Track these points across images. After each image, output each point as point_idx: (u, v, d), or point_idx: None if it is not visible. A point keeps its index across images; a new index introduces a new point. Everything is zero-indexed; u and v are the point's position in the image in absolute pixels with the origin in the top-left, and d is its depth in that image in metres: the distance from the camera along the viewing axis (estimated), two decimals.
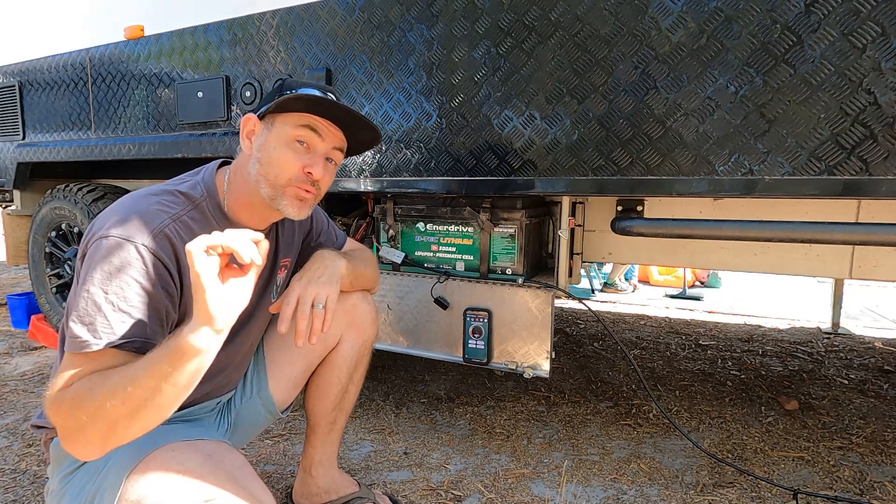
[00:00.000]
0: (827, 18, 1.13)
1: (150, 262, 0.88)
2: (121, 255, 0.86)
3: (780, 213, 1.61)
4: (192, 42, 2.01)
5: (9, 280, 4.71)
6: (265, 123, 1.02)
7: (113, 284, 0.85)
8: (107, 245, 0.86)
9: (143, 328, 0.86)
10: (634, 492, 1.51)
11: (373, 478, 1.57)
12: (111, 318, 0.83)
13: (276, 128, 1.00)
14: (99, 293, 0.84)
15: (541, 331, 1.63)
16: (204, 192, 1.02)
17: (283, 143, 0.99)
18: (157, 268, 0.89)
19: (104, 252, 0.86)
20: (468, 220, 1.71)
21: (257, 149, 1.01)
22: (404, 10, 1.60)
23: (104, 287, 0.84)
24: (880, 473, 1.60)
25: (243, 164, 1.03)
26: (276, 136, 1.00)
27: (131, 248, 0.87)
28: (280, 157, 0.99)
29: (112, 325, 0.83)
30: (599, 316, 2.00)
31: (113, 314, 0.84)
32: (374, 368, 2.45)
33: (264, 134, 1.01)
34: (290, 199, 1.00)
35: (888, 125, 1.12)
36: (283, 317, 1.04)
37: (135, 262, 0.86)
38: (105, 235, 0.87)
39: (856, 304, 4.03)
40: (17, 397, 2.15)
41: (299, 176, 1.00)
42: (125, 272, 0.85)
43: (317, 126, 1.01)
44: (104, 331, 0.83)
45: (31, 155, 2.59)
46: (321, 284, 1.08)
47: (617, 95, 1.35)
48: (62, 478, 0.96)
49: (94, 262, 0.86)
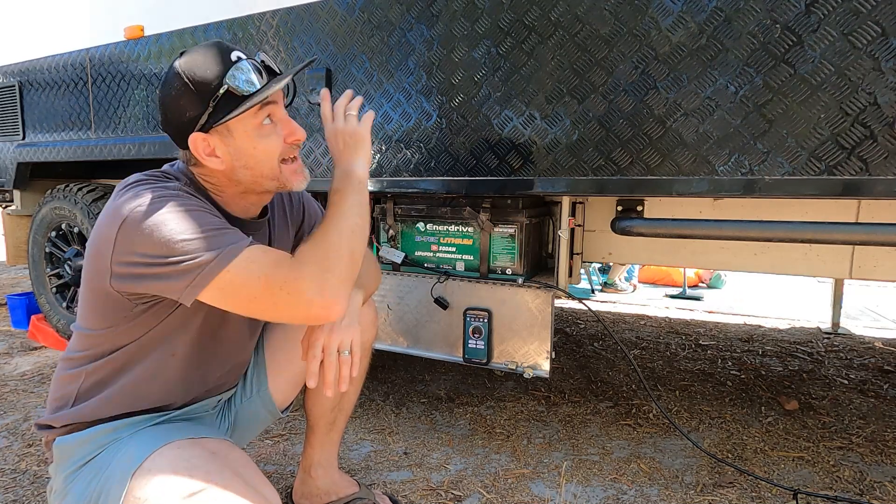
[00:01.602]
0: (827, 18, 1.13)
1: (189, 193, 0.91)
2: (168, 200, 0.86)
3: (780, 213, 1.60)
4: (192, 42, 2.01)
5: (9, 280, 4.71)
6: (219, 133, 0.93)
7: (186, 221, 0.85)
8: (149, 206, 0.85)
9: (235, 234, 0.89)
10: (634, 492, 1.51)
11: (373, 478, 1.57)
12: (215, 234, 0.86)
13: (238, 127, 0.93)
14: (183, 231, 0.84)
15: (541, 331, 1.63)
16: (185, 179, 1.00)
17: (255, 137, 0.94)
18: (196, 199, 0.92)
19: (152, 210, 0.85)
20: (468, 220, 1.71)
21: (235, 158, 0.95)
22: (404, 10, 1.60)
23: (181, 226, 0.84)
24: (880, 473, 1.60)
25: (229, 176, 0.98)
26: (244, 134, 0.94)
27: (170, 192, 0.88)
28: (263, 149, 0.95)
29: (222, 238, 0.86)
30: (599, 316, 2.00)
31: (212, 232, 0.86)
32: (374, 368, 2.46)
33: (230, 142, 0.94)
34: (290, 176, 1.00)
35: (888, 125, 1.11)
36: (311, 372, 1.03)
37: (183, 198, 0.88)
38: (137, 205, 0.85)
39: (856, 304, 4.02)
40: (17, 397, 2.15)
41: (286, 150, 0.98)
42: (183, 209, 0.86)
43: (266, 99, 0.94)
44: (225, 242, 0.85)
45: (31, 155, 2.59)
46: (344, 329, 1.05)
47: (617, 95, 1.35)
48: (66, 476, 0.96)
49: (151, 225, 0.84)
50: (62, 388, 1.01)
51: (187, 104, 0.90)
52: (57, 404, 1.01)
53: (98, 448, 0.95)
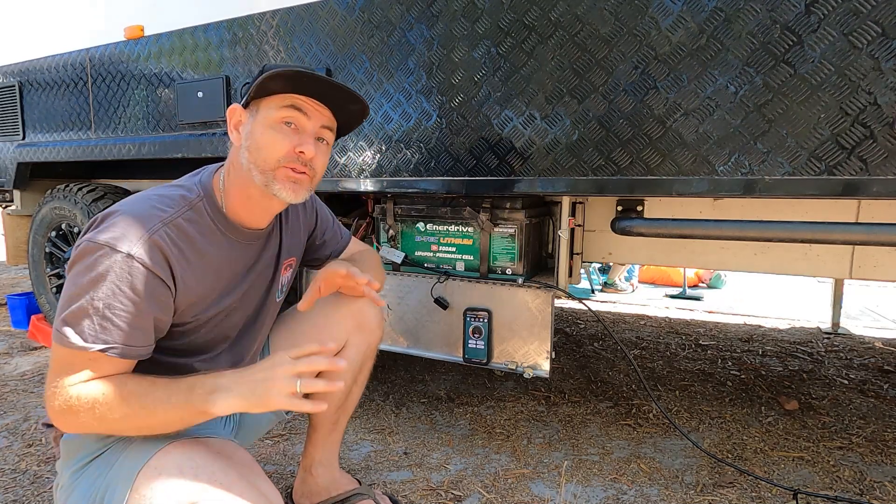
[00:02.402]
0: (827, 18, 1.14)
1: (136, 272, 0.88)
2: (106, 263, 0.86)
3: (780, 213, 1.60)
4: (192, 42, 2.01)
5: (9, 280, 4.71)
6: (250, 111, 1.01)
7: (101, 291, 0.86)
8: (95, 250, 0.87)
9: (125, 336, 0.87)
10: (634, 492, 1.51)
11: (373, 478, 1.57)
12: (97, 323, 0.85)
13: (261, 112, 0.99)
14: (87, 298, 0.85)
15: (541, 331, 1.63)
16: (200, 192, 1.01)
17: (268, 127, 0.98)
18: (146, 277, 0.88)
19: (92, 258, 0.87)
20: (468, 220, 1.71)
21: (245, 137, 1.00)
22: (404, 10, 1.60)
23: (92, 293, 0.85)
24: (880, 473, 1.60)
25: (235, 157, 1.02)
26: (262, 121, 0.98)
27: (117, 258, 0.86)
28: (268, 140, 0.97)
29: (96, 331, 0.85)
30: (599, 316, 2.00)
31: (98, 320, 0.86)
32: (374, 368, 2.44)
33: (250, 122, 1.00)
34: (282, 182, 0.98)
35: (888, 125, 1.12)
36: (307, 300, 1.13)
37: (121, 272, 0.87)
38: (94, 240, 0.87)
39: (856, 304, 4.03)
40: (17, 397, 2.15)
41: (289, 156, 0.98)
42: (110, 281, 0.86)
43: (301, 105, 0.99)
44: (89, 334, 0.85)
45: (31, 155, 2.59)
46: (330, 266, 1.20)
47: (617, 95, 1.35)
48: (73, 473, 0.97)
49: (81, 266, 0.87)
50: None
51: (250, 87, 0.98)
52: None
53: (104, 445, 0.95)
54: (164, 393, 0.86)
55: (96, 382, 0.86)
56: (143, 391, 0.87)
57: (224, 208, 1.03)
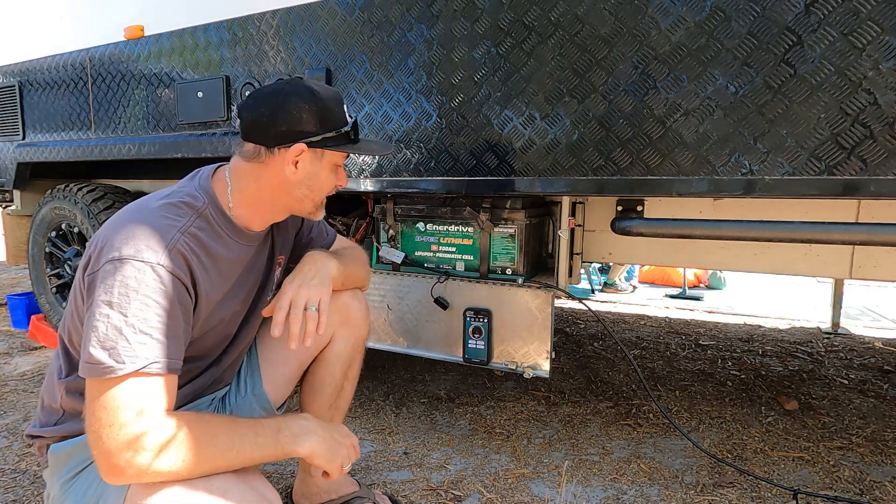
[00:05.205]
0: (827, 18, 1.13)
1: (167, 281, 0.88)
2: (137, 278, 0.85)
3: (780, 213, 1.60)
4: (192, 42, 2.01)
5: (9, 280, 4.71)
6: (316, 154, 1.04)
7: (132, 307, 0.84)
8: (122, 268, 0.85)
9: (164, 349, 0.86)
10: (634, 492, 1.51)
11: (373, 478, 1.57)
12: (133, 341, 0.83)
13: (328, 158, 1.06)
14: (118, 317, 0.83)
15: (541, 331, 1.63)
16: (205, 199, 1.01)
17: (329, 171, 1.08)
18: (175, 285, 0.89)
19: (120, 275, 0.85)
20: (468, 220, 1.71)
21: (307, 177, 1.04)
22: (404, 10, 1.60)
23: (123, 311, 0.84)
24: (880, 473, 1.60)
25: (275, 180, 1.03)
26: (327, 166, 1.07)
27: (147, 269, 0.86)
28: (327, 182, 1.09)
29: (134, 349, 0.83)
30: (599, 316, 2.00)
31: (134, 337, 0.83)
32: (374, 368, 2.46)
33: (315, 164, 1.05)
34: (321, 209, 1.12)
35: (888, 125, 1.12)
36: (276, 321, 1.05)
37: (152, 283, 0.86)
38: (118, 258, 0.86)
39: (856, 304, 4.03)
40: (17, 397, 2.15)
41: (331, 190, 1.12)
42: (143, 294, 0.85)
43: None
44: (127, 355, 0.82)
45: (31, 155, 2.59)
46: (313, 287, 1.09)
47: (617, 95, 1.35)
48: (63, 483, 0.96)
49: (109, 286, 0.85)
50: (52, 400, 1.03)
51: (308, 118, 0.99)
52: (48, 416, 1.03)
53: None
54: (249, 433, 0.90)
55: (170, 420, 0.83)
56: (230, 430, 0.89)
57: (231, 213, 1.04)
